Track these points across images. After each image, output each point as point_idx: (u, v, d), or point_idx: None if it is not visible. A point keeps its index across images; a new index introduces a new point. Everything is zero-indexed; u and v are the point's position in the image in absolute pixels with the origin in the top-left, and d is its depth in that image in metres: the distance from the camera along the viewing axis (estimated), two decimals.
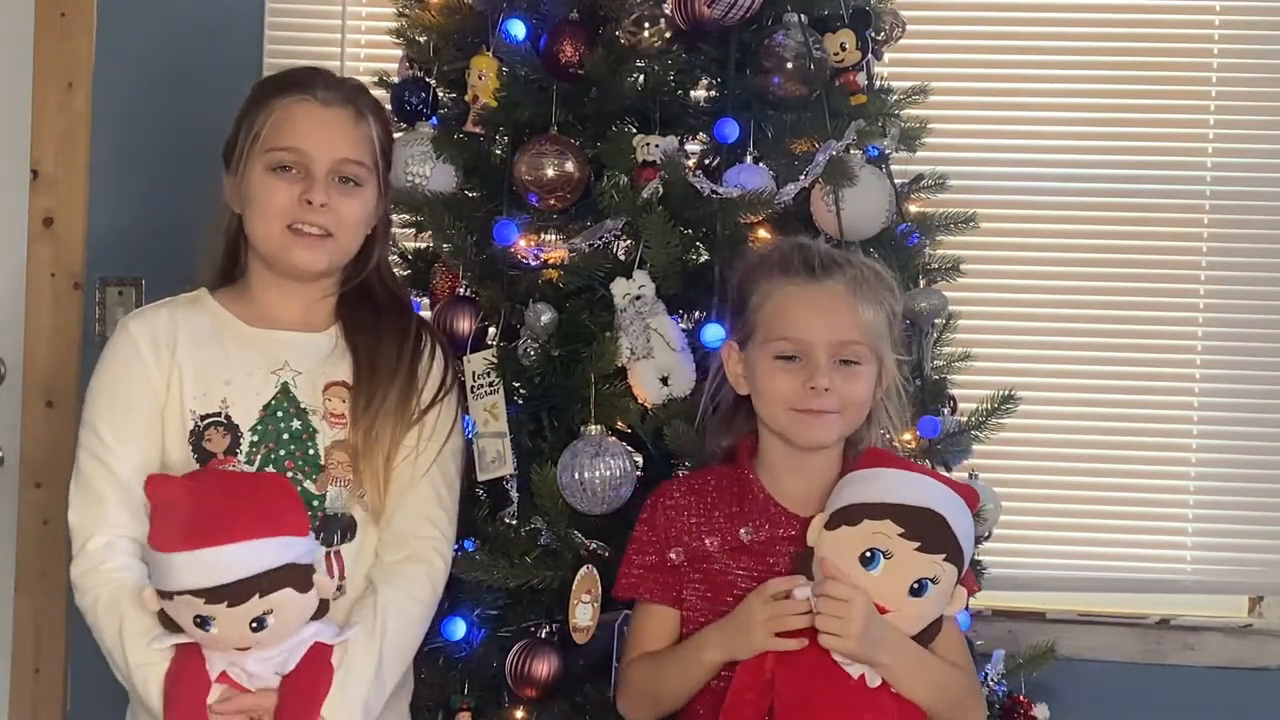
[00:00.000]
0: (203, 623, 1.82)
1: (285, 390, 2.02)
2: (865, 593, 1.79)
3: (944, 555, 1.81)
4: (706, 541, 1.96)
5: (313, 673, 1.88)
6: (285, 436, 2.00)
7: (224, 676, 1.86)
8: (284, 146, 2.00)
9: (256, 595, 1.81)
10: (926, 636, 1.85)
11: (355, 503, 2.02)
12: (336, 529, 2.01)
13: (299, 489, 1.98)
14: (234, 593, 1.80)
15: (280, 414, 2.01)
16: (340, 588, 2.00)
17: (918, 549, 1.80)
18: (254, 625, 1.82)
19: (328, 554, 1.99)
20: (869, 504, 1.83)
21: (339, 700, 1.90)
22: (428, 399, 2.07)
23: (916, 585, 1.81)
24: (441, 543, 2.07)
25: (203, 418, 2.00)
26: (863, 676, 1.81)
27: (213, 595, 1.80)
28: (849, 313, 1.92)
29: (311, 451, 2.01)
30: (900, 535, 1.80)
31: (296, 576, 1.84)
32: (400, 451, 2.03)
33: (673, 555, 1.98)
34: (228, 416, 2.00)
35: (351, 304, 2.09)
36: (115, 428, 1.99)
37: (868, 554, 1.80)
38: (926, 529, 1.80)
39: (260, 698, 1.86)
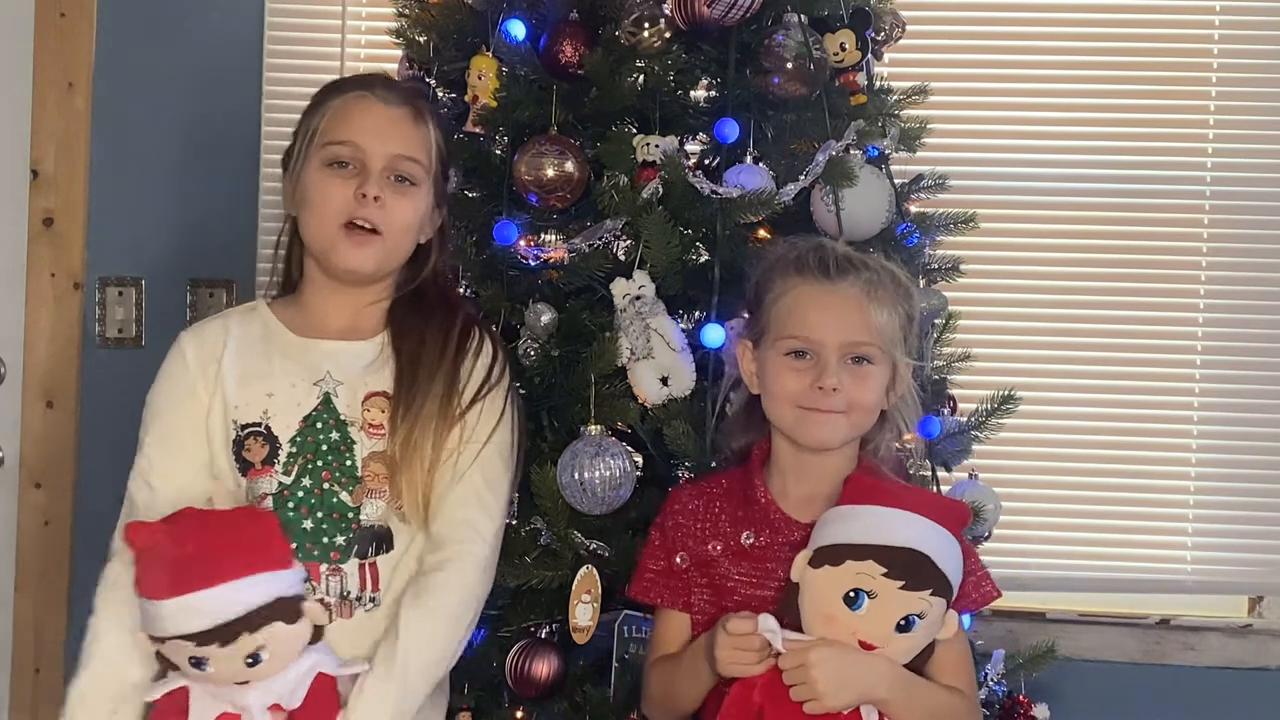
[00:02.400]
0: (198, 663, 1.83)
1: (326, 401, 2.00)
2: (822, 645, 1.78)
3: (929, 590, 1.80)
4: (710, 546, 1.96)
5: (318, 708, 1.87)
6: (324, 448, 1.99)
7: (224, 717, 1.86)
8: (341, 140, 1.99)
9: (245, 633, 1.81)
10: (917, 662, 1.85)
11: (393, 514, 1.99)
12: (371, 541, 1.98)
13: (334, 500, 1.97)
14: (222, 634, 1.80)
15: (320, 425, 2.00)
16: (374, 599, 1.98)
17: (902, 588, 1.79)
18: (249, 661, 1.82)
19: (361, 565, 1.97)
20: (851, 544, 1.81)
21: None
22: (468, 397, 2.03)
23: (903, 622, 1.80)
24: (478, 545, 2.00)
25: (243, 427, 2.00)
26: (857, 712, 1.80)
27: (203, 638, 1.80)
28: (861, 314, 1.91)
29: (349, 463, 1.99)
30: (884, 575, 1.78)
31: (284, 609, 1.84)
32: (442, 455, 2.00)
33: (678, 560, 1.98)
34: (268, 427, 1.99)
35: (403, 310, 2.07)
36: (162, 448, 2.01)
37: (851, 594, 1.79)
38: (910, 568, 1.79)
39: None
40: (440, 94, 2.46)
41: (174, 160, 3.11)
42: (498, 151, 2.40)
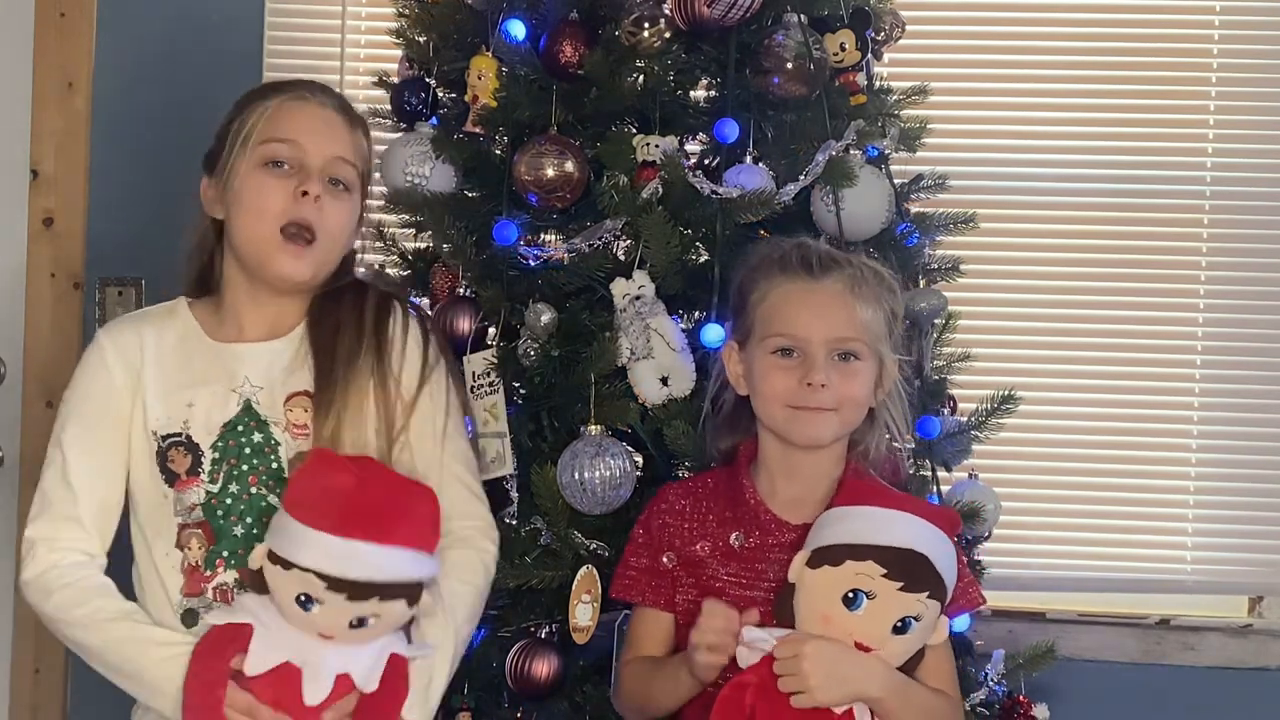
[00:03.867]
0: (306, 602, 1.79)
1: (247, 406, 1.97)
2: (818, 639, 1.79)
3: (927, 593, 1.80)
4: (699, 546, 1.96)
5: (390, 688, 1.85)
6: (247, 451, 1.96)
7: (283, 667, 1.81)
8: (280, 138, 1.97)
9: (376, 598, 1.79)
10: (908, 666, 1.85)
11: None
12: None
13: (264, 504, 1.94)
14: (358, 590, 1.78)
15: (241, 428, 1.97)
16: None
17: (901, 589, 1.79)
18: (354, 623, 1.79)
19: None
20: (851, 545, 1.81)
21: (420, 703, 1.89)
22: (411, 385, 2.01)
23: (900, 624, 1.80)
24: (485, 526, 2.05)
25: (164, 438, 1.97)
26: (850, 711, 1.80)
27: (338, 584, 1.77)
28: (846, 310, 1.92)
29: (275, 465, 1.96)
30: (883, 576, 1.79)
31: (414, 593, 1.83)
32: (393, 446, 1.99)
33: (665, 560, 1.98)
34: (188, 436, 1.96)
35: (319, 303, 2.04)
36: (79, 448, 1.98)
37: (850, 594, 1.79)
38: (910, 569, 1.80)
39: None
40: (440, 94, 2.46)
41: (174, 160, 3.08)
42: (498, 151, 2.39)
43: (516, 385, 2.30)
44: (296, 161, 1.97)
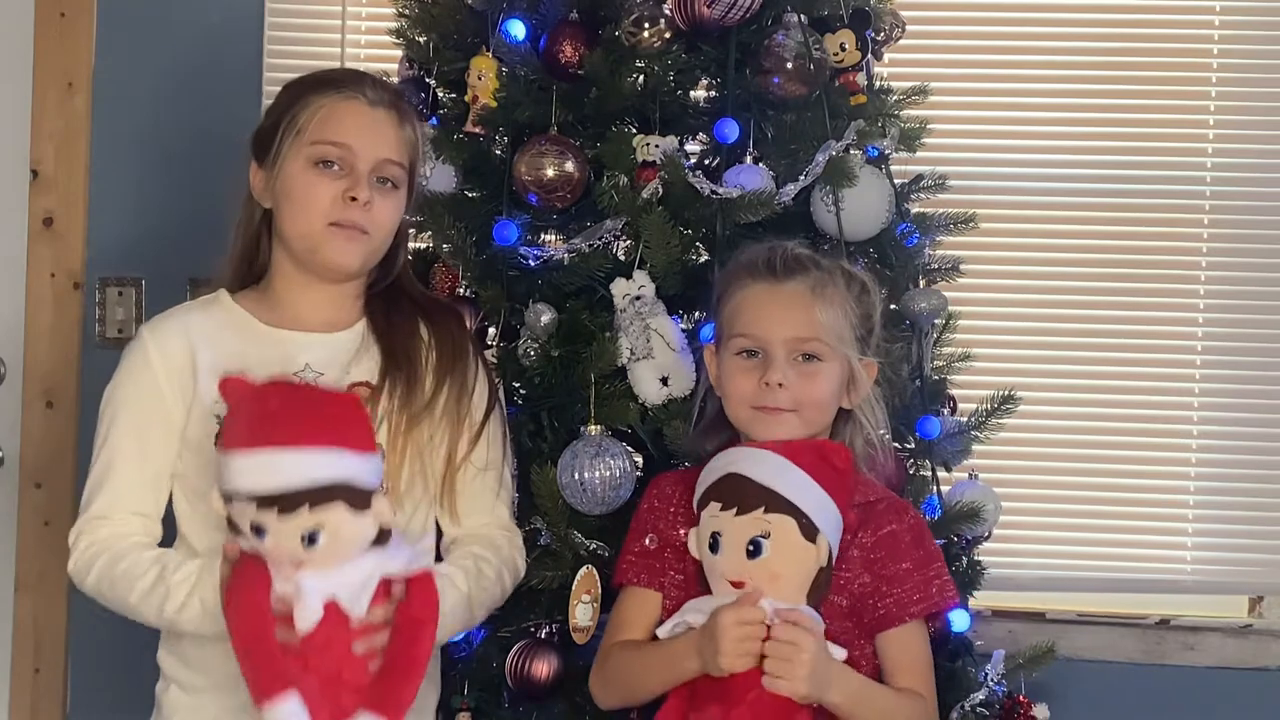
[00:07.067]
0: (258, 531, 1.76)
1: None
2: (815, 636, 1.79)
3: (761, 508, 1.81)
4: (681, 531, 1.96)
5: (420, 600, 1.81)
6: None
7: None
8: (331, 141, 1.98)
9: (306, 507, 1.75)
10: (816, 596, 1.83)
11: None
12: None
13: None
14: (283, 501, 1.75)
15: None
16: None
17: (736, 514, 1.81)
18: (305, 540, 1.76)
19: None
20: (696, 497, 1.88)
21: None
22: (480, 409, 2.05)
23: (751, 547, 1.81)
24: (520, 548, 2.10)
25: (219, 418, 1.96)
26: (807, 710, 1.80)
27: (264, 502, 1.75)
28: (806, 312, 1.92)
29: None
30: (722, 510, 1.83)
31: (351, 495, 1.78)
32: (456, 461, 2.02)
33: (647, 541, 1.98)
34: None
35: (385, 303, 2.07)
36: (124, 446, 1.99)
37: (710, 541, 1.83)
38: (732, 492, 1.83)
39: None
40: (440, 94, 2.46)
41: (174, 160, 3.11)
42: (498, 151, 2.40)
43: (516, 385, 2.30)
44: (346, 164, 1.98)
